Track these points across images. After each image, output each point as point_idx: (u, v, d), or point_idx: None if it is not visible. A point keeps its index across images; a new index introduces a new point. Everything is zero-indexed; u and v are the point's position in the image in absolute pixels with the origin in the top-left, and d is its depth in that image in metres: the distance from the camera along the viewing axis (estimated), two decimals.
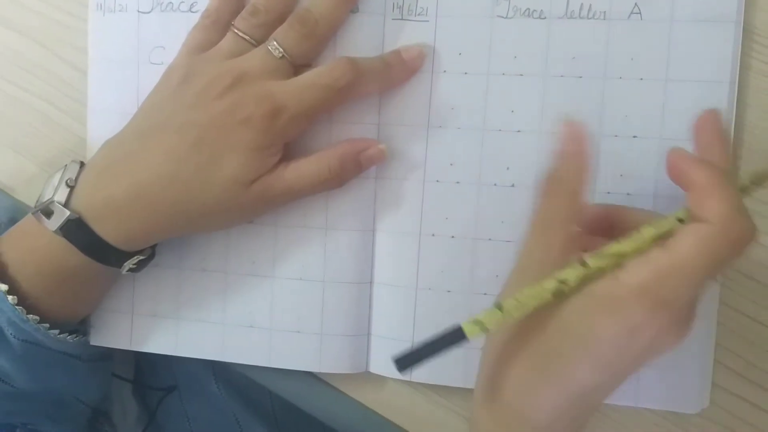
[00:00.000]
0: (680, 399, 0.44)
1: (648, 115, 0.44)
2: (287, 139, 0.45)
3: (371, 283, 0.48)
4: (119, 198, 0.44)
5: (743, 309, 0.44)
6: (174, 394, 0.63)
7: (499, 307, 0.34)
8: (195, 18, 0.48)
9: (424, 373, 0.45)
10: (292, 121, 0.44)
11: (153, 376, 0.64)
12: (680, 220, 0.34)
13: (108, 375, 0.58)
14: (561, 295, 0.34)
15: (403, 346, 0.47)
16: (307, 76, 0.44)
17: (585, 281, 0.34)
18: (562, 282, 0.34)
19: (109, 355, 0.54)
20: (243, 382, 0.56)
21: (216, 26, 0.47)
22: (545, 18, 0.45)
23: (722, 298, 0.44)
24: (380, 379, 0.49)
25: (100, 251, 0.45)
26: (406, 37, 0.47)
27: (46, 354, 0.48)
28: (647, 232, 0.34)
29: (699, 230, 0.33)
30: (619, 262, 0.34)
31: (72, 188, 0.45)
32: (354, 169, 0.46)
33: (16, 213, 0.54)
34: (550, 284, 0.34)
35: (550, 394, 0.35)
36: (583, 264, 0.34)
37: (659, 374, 0.44)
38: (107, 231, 0.44)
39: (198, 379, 0.61)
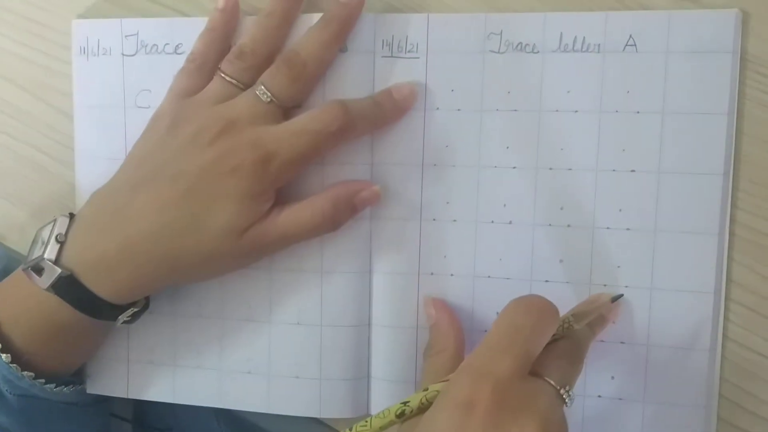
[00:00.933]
0: None
1: (646, 148, 0.43)
2: (279, 185, 0.44)
3: (369, 325, 0.47)
4: (111, 253, 0.43)
5: (748, 343, 0.43)
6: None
7: (350, 427, 0.38)
8: (180, 60, 0.47)
9: None
10: (283, 167, 0.43)
11: (153, 415, 0.63)
12: None
13: (106, 416, 0.57)
14: (403, 416, 0.38)
15: (404, 387, 0.47)
16: (298, 122, 0.43)
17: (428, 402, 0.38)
18: (405, 404, 0.38)
19: (106, 396, 0.54)
20: (245, 422, 0.55)
21: (202, 70, 0.46)
22: (538, 52, 0.44)
23: (727, 333, 0.43)
24: None
25: (94, 307, 0.44)
26: (397, 74, 0.46)
27: (43, 405, 0.47)
28: None
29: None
30: None
31: (62, 244, 0.44)
32: (348, 212, 0.45)
33: (8, 261, 0.53)
34: (395, 407, 0.39)
35: None
36: (425, 389, 0.39)
37: (663, 409, 0.44)
38: (100, 287, 0.43)
39: (199, 417, 0.60)
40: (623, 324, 0.44)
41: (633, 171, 0.43)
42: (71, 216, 0.46)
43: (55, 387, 0.47)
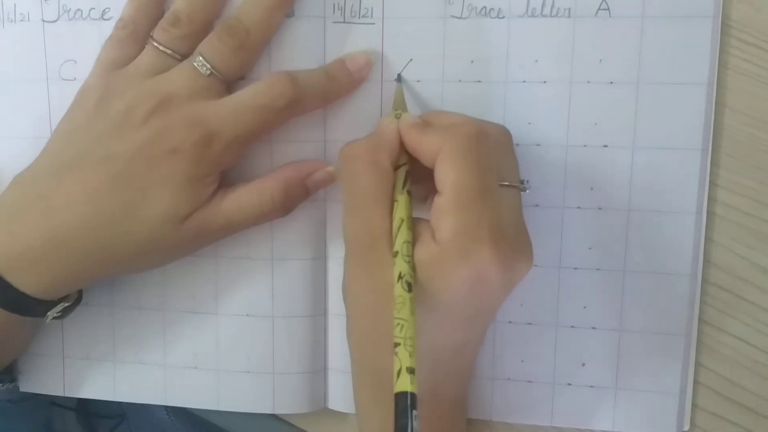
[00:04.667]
0: (659, 422, 0.42)
1: (619, 121, 0.40)
2: (223, 167, 0.40)
3: (326, 314, 0.44)
4: (36, 246, 0.39)
5: (724, 326, 0.41)
6: (119, 421, 0.59)
7: (410, 371, 0.32)
8: (108, 27, 0.42)
9: None
10: (227, 148, 0.39)
11: (98, 403, 0.60)
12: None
13: (45, 408, 0.53)
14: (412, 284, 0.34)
15: None
16: (242, 97, 0.39)
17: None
18: (401, 276, 0.34)
19: None
20: (195, 414, 0.52)
21: (133, 38, 0.41)
22: (504, 17, 0.40)
23: (702, 316, 0.41)
24: (340, 415, 0.45)
25: (19, 304, 0.40)
26: (351, 42, 0.42)
27: None
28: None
29: (443, 155, 0.35)
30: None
31: None
32: (300, 195, 0.41)
33: None
34: (400, 292, 0.33)
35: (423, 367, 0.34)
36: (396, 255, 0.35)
37: (636, 396, 0.42)
38: (25, 282, 0.39)
39: (147, 406, 0.57)
40: (595, 309, 0.42)
41: (606, 146, 0.40)
42: None
43: None
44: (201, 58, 0.39)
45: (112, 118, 0.39)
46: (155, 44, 0.40)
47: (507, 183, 0.36)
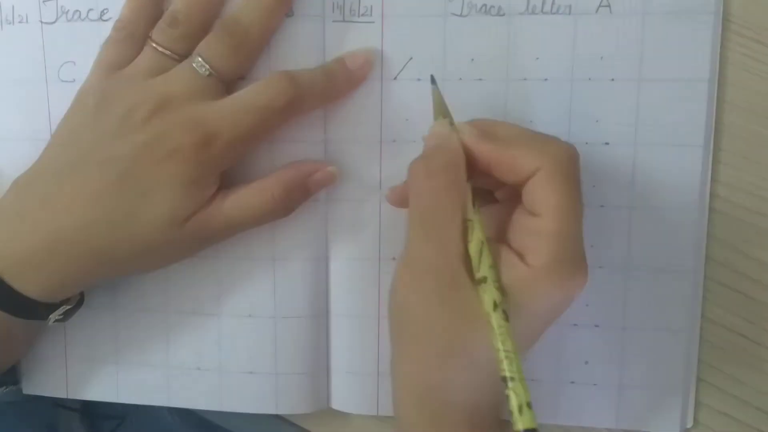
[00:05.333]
0: (662, 419, 0.42)
1: (621, 119, 0.40)
2: (223, 168, 0.40)
3: (328, 314, 0.44)
4: (37, 249, 0.39)
5: (727, 323, 0.41)
6: (122, 421, 0.59)
7: (530, 406, 0.32)
8: (107, 28, 0.42)
9: (389, 406, 0.43)
10: (227, 148, 0.39)
11: (102, 403, 0.60)
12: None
13: (48, 410, 0.53)
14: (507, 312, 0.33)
15: (367, 379, 0.44)
16: (241, 97, 0.39)
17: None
18: (497, 305, 0.33)
19: None
20: (197, 414, 0.52)
21: (131, 39, 0.41)
22: (504, 15, 0.40)
23: (705, 313, 0.41)
24: (344, 415, 0.45)
25: (20, 306, 0.40)
26: (350, 41, 0.42)
27: None
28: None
29: (542, 175, 0.33)
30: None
31: None
32: (301, 196, 0.41)
33: None
34: (500, 323, 0.32)
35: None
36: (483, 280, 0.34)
37: (640, 394, 0.42)
38: (26, 285, 0.39)
39: (150, 406, 0.57)
40: (598, 306, 0.42)
41: (607, 144, 0.40)
42: None
43: None
44: (200, 59, 0.39)
45: (112, 120, 0.39)
46: (154, 45, 0.40)
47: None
